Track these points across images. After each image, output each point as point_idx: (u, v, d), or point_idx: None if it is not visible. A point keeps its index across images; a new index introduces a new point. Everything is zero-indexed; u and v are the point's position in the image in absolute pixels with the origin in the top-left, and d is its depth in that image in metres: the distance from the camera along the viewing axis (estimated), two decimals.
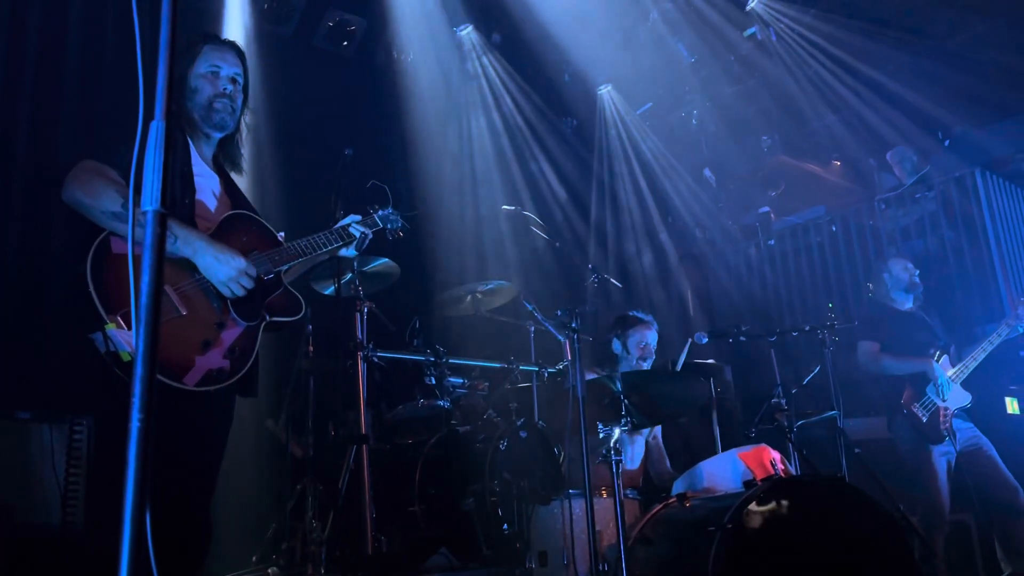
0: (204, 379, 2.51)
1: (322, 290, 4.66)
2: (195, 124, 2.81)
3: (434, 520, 4.11)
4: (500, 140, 7.74)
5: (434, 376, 4.63)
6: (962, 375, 4.76)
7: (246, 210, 2.85)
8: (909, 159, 7.46)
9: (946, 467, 4.63)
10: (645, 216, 8.50)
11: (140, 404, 0.93)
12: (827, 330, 4.51)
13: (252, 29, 6.08)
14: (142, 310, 0.97)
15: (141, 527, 0.92)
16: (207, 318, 2.57)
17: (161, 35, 1.05)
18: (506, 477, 3.98)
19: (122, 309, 2.37)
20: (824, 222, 8.01)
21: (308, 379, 4.73)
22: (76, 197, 2.48)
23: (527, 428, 4.29)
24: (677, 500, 3.25)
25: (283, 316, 2.78)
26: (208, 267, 2.55)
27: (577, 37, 7.48)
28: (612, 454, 3.13)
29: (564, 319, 3.30)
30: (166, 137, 1.08)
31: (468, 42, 7.52)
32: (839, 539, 2.91)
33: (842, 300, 7.57)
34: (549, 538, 3.43)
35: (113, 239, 2.48)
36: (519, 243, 7.11)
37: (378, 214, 3.23)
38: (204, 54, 2.82)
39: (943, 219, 7.15)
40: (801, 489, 3.05)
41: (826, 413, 4.24)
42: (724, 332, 4.53)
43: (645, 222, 8.49)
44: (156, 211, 1.04)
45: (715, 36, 7.41)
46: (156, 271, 0.99)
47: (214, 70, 2.81)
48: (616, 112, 8.43)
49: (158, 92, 1.08)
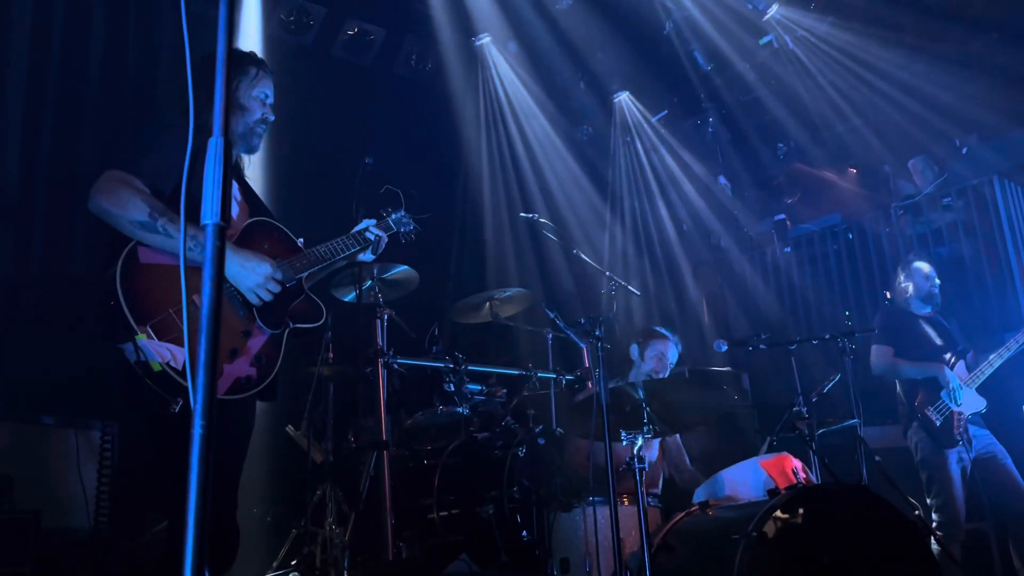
0: (232, 387, 2.54)
1: (342, 297, 4.69)
2: (232, 138, 2.83)
3: (453, 526, 4.12)
4: (517, 148, 7.77)
5: (453, 383, 4.65)
6: (977, 380, 4.75)
7: (265, 216, 2.88)
8: (931, 168, 7.44)
9: (961, 473, 4.62)
10: (661, 223, 8.50)
11: (203, 411, 0.95)
12: (847, 338, 4.50)
13: (271, 39, 6.14)
14: (204, 320, 1.00)
15: (203, 532, 0.94)
16: (234, 326, 2.59)
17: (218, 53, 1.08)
18: (525, 484, 3.98)
19: (152, 319, 2.40)
20: (840, 230, 7.99)
21: (328, 385, 4.77)
22: (102, 207, 2.49)
23: (545, 435, 4.29)
24: (699, 508, 3.25)
25: (306, 323, 2.81)
26: (235, 274, 2.58)
27: (593, 45, 7.51)
28: (635, 462, 3.14)
29: (587, 327, 3.31)
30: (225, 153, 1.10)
31: (485, 51, 7.57)
32: (862, 547, 2.90)
33: (859, 308, 7.54)
34: (570, 545, 3.44)
35: (141, 249, 2.49)
36: (536, 250, 7.14)
37: (391, 217, 3.27)
38: (259, 79, 2.87)
39: (960, 227, 7.12)
40: (824, 497, 3.05)
41: (847, 421, 4.23)
42: (743, 340, 4.52)
43: (661, 229, 8.49)
44: (216, 224, 1.07)
45: (731, 44, 7.42)
46: (216, 282, 1.01)
47: (264, 97, 2.88)
48: (632, 119, 8.45)
49: (215, 109, 1.11)
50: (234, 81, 2.79)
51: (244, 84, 2.82)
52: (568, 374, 4.88)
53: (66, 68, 5.03)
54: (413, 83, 7.19)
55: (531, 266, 7.30)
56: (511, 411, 4.79)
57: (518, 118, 7.77)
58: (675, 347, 4.68)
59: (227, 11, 1.06)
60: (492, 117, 7.70)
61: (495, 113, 7.69)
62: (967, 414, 4.69)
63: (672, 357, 4.65)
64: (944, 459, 4.63)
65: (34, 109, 4.83)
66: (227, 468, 2.66)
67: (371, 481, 4.11)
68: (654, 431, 3.37)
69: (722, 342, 4.58)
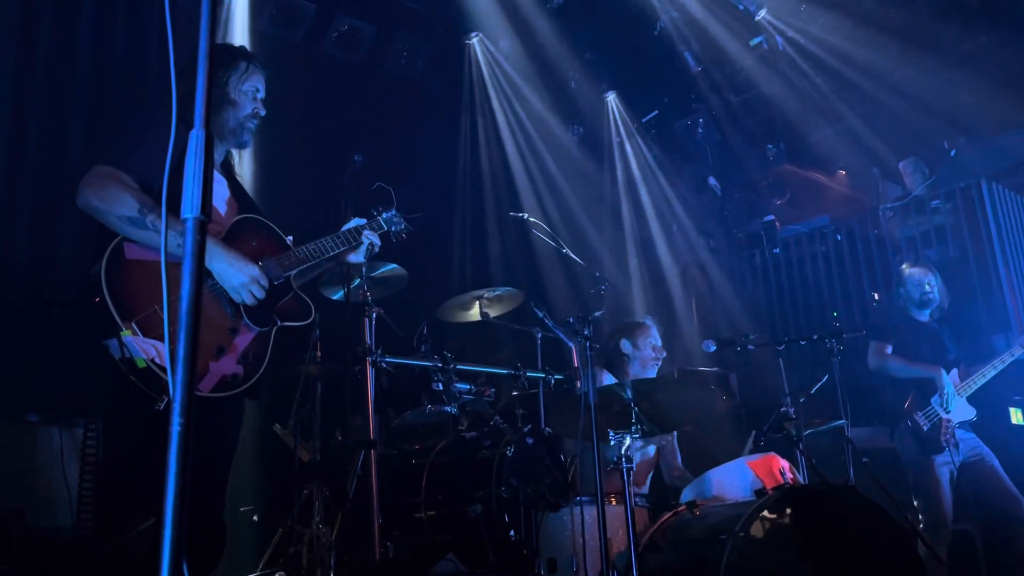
0: (218, 385, 2.52)
1: (331, 295, 4.67)
2: (224, 134, 2.82)
3: (441, 526, 4.11)
4: (507, 147, 7.76)
5: (441, 382, 4.64)
6: (968, 390, 4.76)
7: (255, 214, 2.86)
8: (921, 170, 7.47)
9: (948, 476, 4.64)
10: (650, 224, 8.51)
11: (181, 408, 0.94)
12: (835, 339, 4.51)
13: (260, 35, 6.11)
14: (183, 315, 0.98)
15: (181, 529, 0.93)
16: (221, 324, 2.58)
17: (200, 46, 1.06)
18: (513, 483, 3.97)
19: (137, 315, 2.38)
20: (829, 231, 8.03)
21: (316, 384, 4.74)
22: (91, 202, 2.47)
23: (534, 435, 4.29)
24: (687, 508, 3.25)
25: (294, 321, 2.80)
26: (222, 272, 2.56)
27: (584, 45, 7.51)
28: (624, 462, 3.13)
29: (576, 326, 3.31)
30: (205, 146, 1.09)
31: (476, 49, 7.56)
32: (849, 548, 2.91)
33: (847, 309, 7.58)
34: (558, 545, 3.43)
35: (127, 245, 2.48)
36: (525, 250, 7.13)
37: (382, 216, 3.25)
38: (250, 73, 2.85)
39: (948, 229, 7.16)
40: (812, 498, 3.06)
41: (835, 422, 4.24)
42: (732, 340, 4.53)
43: (650, 230, 8.50)
44: (197, 218, 1.05)
45: (722, 45, 7.43)
46: (196, 277, 1.00)
47: (255, 91, 2.85)
48: (622, 120, 8.45)
49: (197, 102, 1.09)
50: (223, 76, 2.77)
51: (234, 79, 2.81)
52: (557, 374, 4.89)
53: (53, 62, 4.98)
54: (404, 80, 7.17)
55: (520, 265, 7.29)
56: (499, 410, 4.78)
57: (508, 116, 7.76)
58: (656, 329, 4.75)
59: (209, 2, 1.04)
60: (482, 115, 7.69)
61: (485, 111, 7.68)
62: (955, 422, 4.70)
63: (659, 340, 4.72)
64: (931, 462, 4.64)
65: (20, 103, 4.78)
66: (214, 467, 2.64)
67: (358, 480, 4.10)
68: (643, 431, 3.37)
69: (710, 342, 4.59)
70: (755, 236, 8.75)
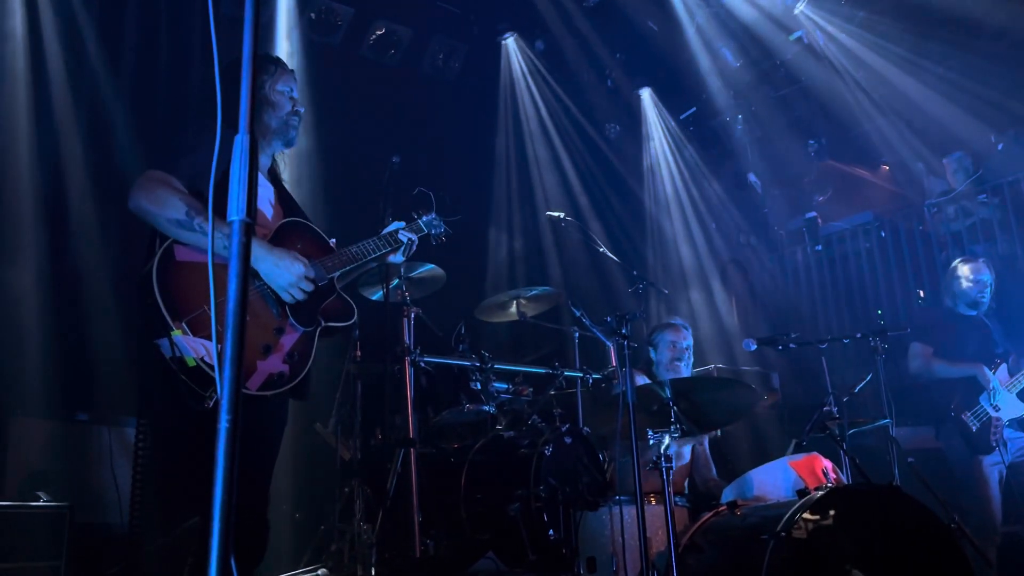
0: (265, 383, 2.57)
1: (370, 296, 4.72)
2: (268, 136, 2.90)
3: (480, 524, 4.13)
4: (543, 147, 7.76)
5: (479, 381, 4.66)
6: (1017, 386, 4.64)
7: (299, 218, 2.92)
8: (965, 166, 7.30)
9: (998, 477, 4.54)
10: (689, 222, 8.44)
11: (228, 406, 0.96)
12: (879, 337, 4.43)
13: (300, 40, 6.20)
14: (229, 315, 1.01)
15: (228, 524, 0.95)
16: (267, 323, 2.63)
17: (244, 51, 1.09)
18: (551, 483, 3.98)
19: (187, 315, 2.44)
20: (873, 227, 7.88)
21: (356, 383, 4.80)
22: (142, 205, 2.55)
23: (572, 434, 4.29)
24: (728, 508, 3.22)
25: (337, 321, 2.84)
26: (269, 273, 2.62)
27: (619, 43, 7.48)
28: (663, 461, 3.12)
29: (614, 325, 3.30)
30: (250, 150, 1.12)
31: (512, 49, 7.57)
32: (894, 549, 2.86)
33: (891, 306, 7.44)
34: (597, 544, 3.43)
35: (177, 247, 2.55)
36: (562, 249, 7.13)
37: (422, 220, 3.30)
38: (282, 75, 2.93)
39: (996, 224, 6.99)
40: (855, 498, 3.01)
41: (879, 422, 4.17)
42: (773, 339, 4.47)
43: (689, 228, 8.43)
44: (243, 221, 1.08)
45: (761, 40, 7.34)
46: (242, 278, 1.02)
47: (289, 91, 2.93)
48: (659, 117, 8.39)
49: (242, 106, 1.11)
50: (258, 79, 2.84)
51: (268, 81, 2.89)
52: (595, 373, 4.88)
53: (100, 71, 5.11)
54: (440, 83, 7.22)
55: (557, 265, 7.29)
56: (537, 410, 4.79)
57: (544, 117, 7.76)
58: (685, 330, 4.60)
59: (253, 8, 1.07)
60: (518, 116, 7.70)
61: (521, 112, 7.69)
62: (1005, 420, 4.60)
63: (686, 342, 4.58)
64: (979, 463, 4.55)
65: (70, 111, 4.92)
66: (260, 464, 2.69)
67: (398, 478, 4.13)
68: (682, 431, 3.35)
69: (751, 341, 4.54)
70: (797, 233, 8.63)
